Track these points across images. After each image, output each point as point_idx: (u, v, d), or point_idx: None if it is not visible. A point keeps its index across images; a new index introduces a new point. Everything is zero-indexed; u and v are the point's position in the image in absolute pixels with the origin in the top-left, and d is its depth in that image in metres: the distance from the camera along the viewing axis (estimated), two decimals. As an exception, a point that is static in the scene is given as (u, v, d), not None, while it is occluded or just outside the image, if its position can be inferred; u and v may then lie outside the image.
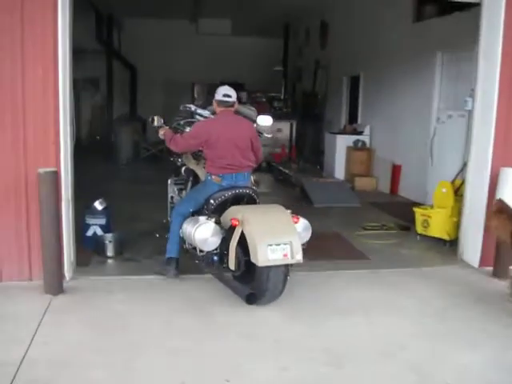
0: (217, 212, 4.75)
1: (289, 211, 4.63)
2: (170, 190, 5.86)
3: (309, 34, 15.52)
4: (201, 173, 5.25)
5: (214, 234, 4.51)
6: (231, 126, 4.92)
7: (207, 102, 10.88)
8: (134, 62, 18.44)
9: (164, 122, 5.37)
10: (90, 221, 5.86)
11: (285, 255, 4.25)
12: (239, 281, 4.62)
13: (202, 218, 4.57)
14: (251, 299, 4.29)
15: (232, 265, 4.41)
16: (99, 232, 5.85)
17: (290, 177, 10.36)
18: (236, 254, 4.40)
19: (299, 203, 8.77)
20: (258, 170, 11.19)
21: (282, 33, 16.02)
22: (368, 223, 7.43)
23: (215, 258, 4.66)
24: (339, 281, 5.37)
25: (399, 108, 9.97)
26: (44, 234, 4.59)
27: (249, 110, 10.26)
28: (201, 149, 5.03)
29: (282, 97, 14.69)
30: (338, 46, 13.07)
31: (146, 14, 17.79)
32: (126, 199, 8.28)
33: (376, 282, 5.34)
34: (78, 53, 5.20)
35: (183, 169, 5.65)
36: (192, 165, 5.46)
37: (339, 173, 11.23)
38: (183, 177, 5.66)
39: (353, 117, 12.26)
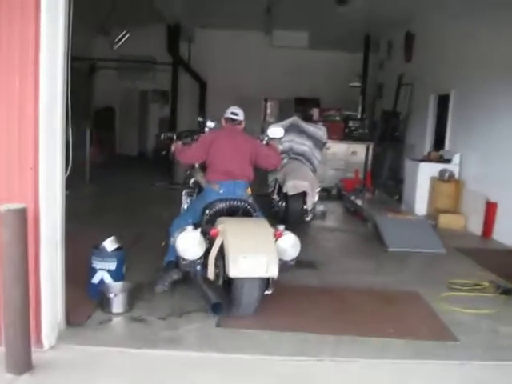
0: (211, 223, 4.72)
1: (271, 228, 4.56)
2: (183, 200, 5.99)
3: (391, 47, 14.05)
4: (204, 184, 5.33)
5: (197, 244, 4.46)
6: (233, 138, 5.18)
7: (280, 119, 9.54)
8: (204, 74, 17.61)
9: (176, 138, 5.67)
10: (96, 264, 4.64)
11: (260, 268, 4.20)
12: (223, 292, 4.54)
13: (189, 228, 4.51)
14: (216, 309, 4.34)
15: (211, 275, 4.42)
16: (107, 279, 4.62)
17: (362, 209, 8.82)
18: (216, 264, 4.41)
19: (369, 244, 7.27)
20: (327, 197, 10.00)
21: (362, 46, 14.51)
22: (455, 280, 5.80)
23: (198, 267, 4.55)
24: (415, 380, 3.82)
25: (499, 135, 8.24)
26: (5, 290, 3.37)
27: (316, 129, 8.91)
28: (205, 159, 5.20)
29: (359, 116, 13.13)
30: (425, 60, 11.46)
31: (217, 25, 16.96)
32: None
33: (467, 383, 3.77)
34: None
35: (191, 181, 5.79)
36: (198, 177, 5.54)
37: (420, 206, 9.53)
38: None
39: (439, 142, 10.55)
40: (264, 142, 5.77)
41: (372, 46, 14.93)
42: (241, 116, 5.42)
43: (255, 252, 4.24)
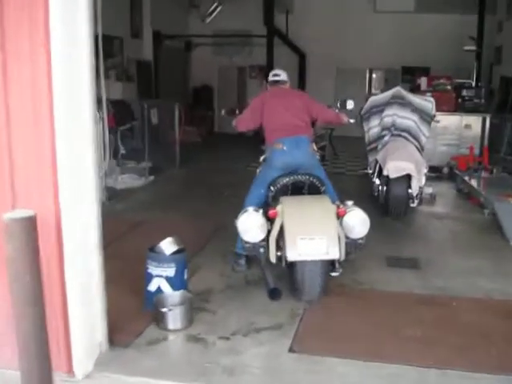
0: (277, 200, 4.45)
1: (334, 204, 4.29)
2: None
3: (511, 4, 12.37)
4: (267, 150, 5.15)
5: (258, 226, 4.22)
6: (283, 95, 5.12)
7: (386, 90, 8.57)
8: (303, 46, 16.72)
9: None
10: (152, 270, 4.01)
11: (320, 250, 3.98)
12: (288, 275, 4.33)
13: (250, 209, 4.30)
14: (273, 295, 4.22)
15: (273, 258, 4.25)
16: (165, 287, 3.98)
17: (478, 193, 7.65)
18: (278, 246, 4.23)
19: (486, 237, 6.17)
20: (436, 177, 8.91)
21: (476, 5, 12.90)
22: None
23: (261, 250, 4.28)
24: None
25: None
26: (15, 312, 2.80)
27: (423, 101, 7.80)
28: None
29: (474, 84, 11.68)
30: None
31: (316, -9, 15.99)
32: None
33: None
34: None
35: (261, 158, 5.32)
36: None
37: (549, 187, 8.18)
38: None
39: None
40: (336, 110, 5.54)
41: (488, 6, 13.29)
42: (283, 76, 5.30)
43: (314, 233, 4.00)
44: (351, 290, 4.58)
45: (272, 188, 4.64)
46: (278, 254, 4.23)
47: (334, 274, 4.35)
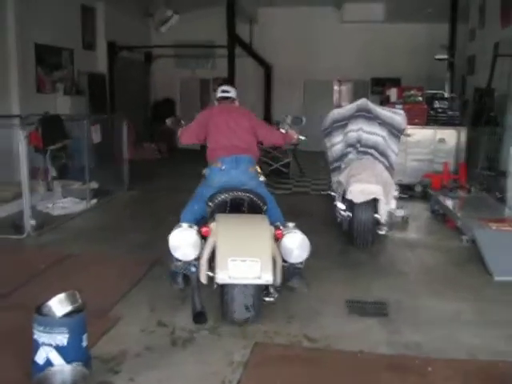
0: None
1: (272, 226, 4.04)
2: None
3: (484, 11, 11.72)
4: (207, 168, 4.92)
5: (189, 243, 3.98)
6: (229, 113, 4.91)
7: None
8: (268, 58, 15.95)
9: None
10: (39, 336, 3.05)
11: (252, 273, 3.71)
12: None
13: (184, 225, 4.07)
14: (198, 319, 3.94)
15: (203, 278, 3.98)
16: (55, 359, 3.03)
17: (454, 215, 6.83)
18: (210, 266, 3.94)
19: (466, 269, 5.35)
20: (409, 196, 8.15)
21: (447, 14, 12.19)
22: None
23: (193, 269, 4.06)
24: None
25: None
26: None
27: (392, 114, 6.98)
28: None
29: (447, 95, 10.94)
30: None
31: (282, 2, 15.24)
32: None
33: None
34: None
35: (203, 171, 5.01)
36: None
37: (531, 206, 7.40)
38: None
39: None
40: (283, 131, 5.12)
41: (459, 14, 12.63)
42: (232, 93, 5.18)
43: (247, 255, 3.76)
44: (300, 351, 3.66)
45: (210, 204, 4.39)
46: (210, 274, 3.93)
47: (268, 299, 4.03)
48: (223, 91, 5.16)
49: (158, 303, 4.43)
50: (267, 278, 3.74)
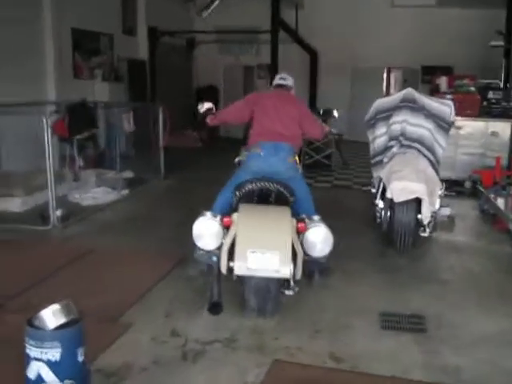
0: None
1: (291, 219, 3.90)
2: None
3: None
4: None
5: (211, 233, 3.92)
6: (280, 99, 4.79)
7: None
8: (314, 44, 15.41)
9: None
10: (30, 350, 2.77)
11: (270, 266, 3.64)
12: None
13: (208, 214, 3.99)
14: (213, 310, 3.86)
15: (223, 269, 3.83)
16: (47, 375, 2.74)
17: (506, 216, 6.28)
18: (230, 257, 3.81)
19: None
20: (457, 193, 7.64)
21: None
22: None
23: (215, 259, 3.94)
24: None
25: None
26: None
27: (440, 105, 6.50)
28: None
29: (502, 85, 10.24)
30: None
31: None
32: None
33: None
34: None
35: (236, 159, 5.03)
36: None
37: None
38: None
39: None
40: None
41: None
42: (289, 81, 5.08)
43: (266, 247, 3.69)
44: (322, 373, 3.27)
45: (237, 193, 4.30)
46: (231, 265, 3.80)
47: (288, 292, 3.97)
48: (281, 78, 5.08)
49: (176, 308, 4.13)
50: (285, 271, 3.65)
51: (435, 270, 5.07)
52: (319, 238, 3.90)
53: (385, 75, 16.16)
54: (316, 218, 4.01)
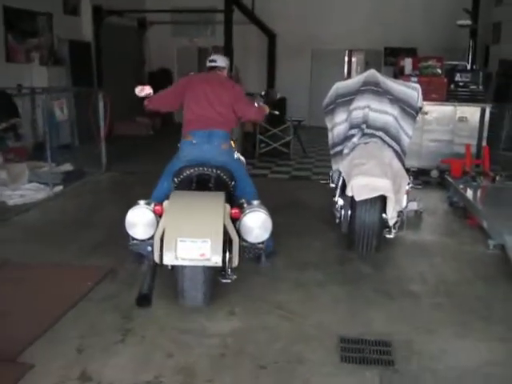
0: None
1: (224, 205, 3.73)
2: None
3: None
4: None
5: (144, 222, 3.77)
6: (210, 82, 4.59)
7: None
8: (272, 25, 14.64)
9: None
10: None
11: (201, 255, 3.51)
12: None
13: (141, 202, 3.84)
14: (140, 302, 3.74)
15: (157, 258, 3.72)
16: None
17: (477, 211, 5.69)
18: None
19: (495, 287, 4.24)
20: (424, 183, 7.12)
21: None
22: None
23: (149, 248, 3.79)
24: None
25: None
26: None
27: (406, 89, 5.83)
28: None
29: (469, 67, 9.65)
30: None
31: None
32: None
33: None
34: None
35: None
36: None
37: None
38: None
39: None
40: (256, 104, 4.86)
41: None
42: (220, 62, 4.83)
43: (197, 235, 3.56)
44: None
45: (175, 179, 4.22)
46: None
47: (224, 280, 3.84)
48: (211, 60, 4.84)
49: (91, 339, 3.36)
50: (216, 259, 3.52)
51: (403, 280, 4.38)
52: (257, 224, 3.77)
53: (346, 58, 15.56)
54: (255, 202, 3.88)
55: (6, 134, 6.28)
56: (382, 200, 4.65)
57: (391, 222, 4.69)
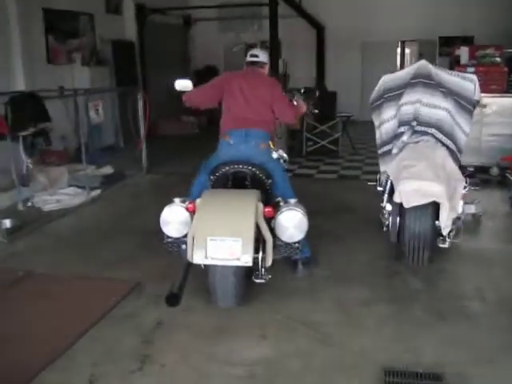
0: None
1: (256, 203, 3.60)
2: None
3: None
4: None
5: (179, 220, 3.73)
6: (250, 80, 4.40)
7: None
8: (320, 18, 14.14)
9: None
10: None
11: (232, 254, 3.42)
12: None
13: (177, 200, 3.80)
14: (168, 301, 3.33)
15: (190, 257, 3.58)
16: None
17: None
18: None
19: None
20: (482, 181, 6.54)
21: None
22: None
23: (184, 246, 3.74)
24: None
25: None
26: None
27: (461, 80, 5.28)
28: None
29: (532, 54, 8.92)
30: None
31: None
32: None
33: None
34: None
35: None
36: None
37: None
38: None
39: None
40: (294, 102, 4.68)
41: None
42: (262, 57, 4.64)
43: (227, 234, 3.44)
44: None
45: (212, 177, 4.16)
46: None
47: (258, 281, 3.70)
48: (251, 55, 4.65)
49: (106, 367, 3.07)
50: (247, 259, 3.41)
51: (458, 297, 3.89)
52: (291, 223, 3.69)
53: (398, 49, 14.91)
54: (292, 201, 3.80)
55: (36, 139, 6.09)
56: (435, 206, 4.17)
57: (445, 232, 4.19)
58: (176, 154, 9.84)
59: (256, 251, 3.51)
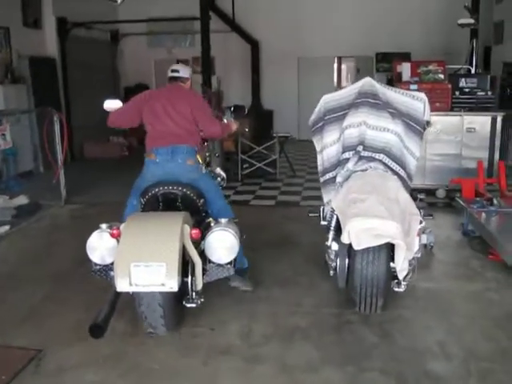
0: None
1: (182, 226, 3.46)
2: None
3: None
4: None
5: (105, 246, 3.60)
6: (171, 96, 4.31)
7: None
8: (254, 33, 13.68)
9: None
10: None
11: (156, 280, 3.30)
12: None
13: (104, 226, 3.66)
14: (93, 332, 3.14)
15: (116, 284, 3.40)
16: None
17: (499, 245, 4.66)
18: None
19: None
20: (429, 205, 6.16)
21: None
22: None
23: (111, 273, 3.58)
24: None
25: None
26: None
27: (409, 99, 4.79)
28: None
29: (474, 70, 8.62)
30: None
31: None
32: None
33: None
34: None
35: None
36: None
37: None
38: None
39: None
40: (225, 120, 4.79)
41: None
42: (183, 73, 4.46)
43: (152, 259, 3.31)
44: None
45: (142, 200, 4.05)
46: None
47: (189, 305, 3.60)
48: (172, 71, 4.51)
49: None
50: (172, 284, 3.29)
51: (419, 354, 3.31)
52: (221, 243, 3.63)
53: (335, 65, 14.60)
54: (223, 220, 3.73)
55: None
56: (389, 246, 3.61)
57: (401, 275, 3.63)
58: (102, 180, 9.04)
59: (186, 275, 3.46)
